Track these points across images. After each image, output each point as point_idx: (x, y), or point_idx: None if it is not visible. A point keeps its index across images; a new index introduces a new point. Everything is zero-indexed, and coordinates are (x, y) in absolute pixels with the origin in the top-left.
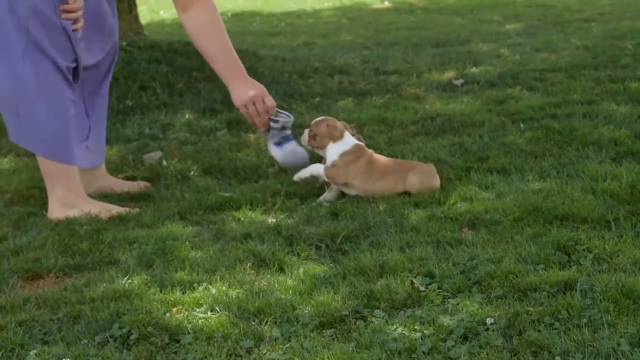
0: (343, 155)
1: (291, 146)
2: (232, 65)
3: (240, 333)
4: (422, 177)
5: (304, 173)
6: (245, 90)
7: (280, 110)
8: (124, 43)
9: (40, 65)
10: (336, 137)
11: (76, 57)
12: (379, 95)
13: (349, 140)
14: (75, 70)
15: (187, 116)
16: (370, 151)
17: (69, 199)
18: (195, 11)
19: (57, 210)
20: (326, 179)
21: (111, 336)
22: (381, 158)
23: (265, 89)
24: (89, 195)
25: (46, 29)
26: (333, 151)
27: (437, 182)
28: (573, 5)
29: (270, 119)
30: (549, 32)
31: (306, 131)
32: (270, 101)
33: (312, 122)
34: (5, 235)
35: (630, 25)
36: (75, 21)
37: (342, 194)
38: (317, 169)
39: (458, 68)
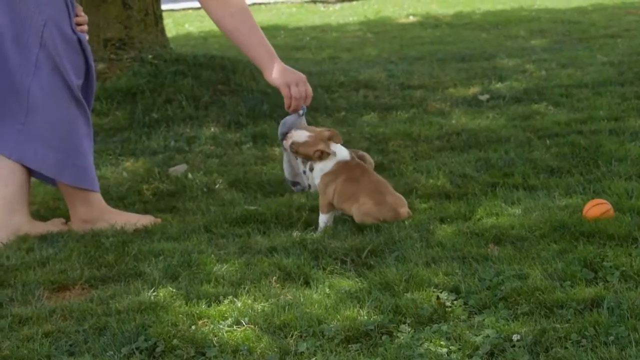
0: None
1: None
2: (268, 49)
3: (265, 347)
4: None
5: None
6: (289, 71)
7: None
8: (149, 56)
9: (49, 82)
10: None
11: (87, 70)
12: (404, 109)
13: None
14: (87, 86)
15: (212, 129)
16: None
17: (92, 213)
18: None
19: (79, 227)
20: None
21: (137, 348)
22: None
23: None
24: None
25: (62, 44)
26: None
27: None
28: (599, 21)
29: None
30: (574, 48)
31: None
32: (310, 90)
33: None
34: (32, 247)
35: None
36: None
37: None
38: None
39: (483, 83)
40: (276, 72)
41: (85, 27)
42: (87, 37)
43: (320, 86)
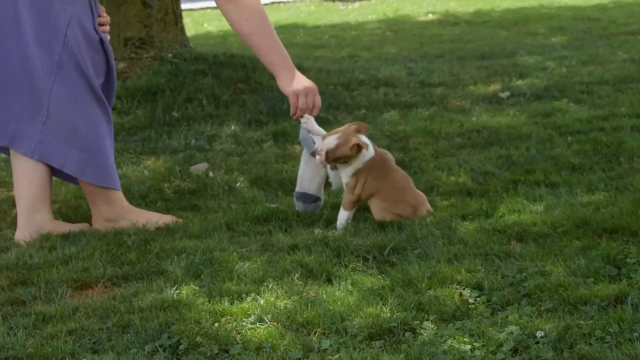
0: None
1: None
2: (283, 55)
3: (289, 344)
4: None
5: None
6: (301, 81)
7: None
8: (169, 55)
9: (71, 81)
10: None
11: (108, 70)
12: (425, 107)
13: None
14: (108, 85)
15: (232, 128)
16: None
17: (114, 212)
18: (239, 1)
19: (101, 225)
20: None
21: (160, 346)
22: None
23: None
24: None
25: (84, 43)
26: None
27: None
28: (619, 18)
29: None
30: (594, 45)
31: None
32: (319, 101)
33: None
34: (54, 245)
35: None
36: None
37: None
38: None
39: (504, 80)
40: (287, 80)
41: (108, 28)
42: (108, 37)
43: (340, 84)
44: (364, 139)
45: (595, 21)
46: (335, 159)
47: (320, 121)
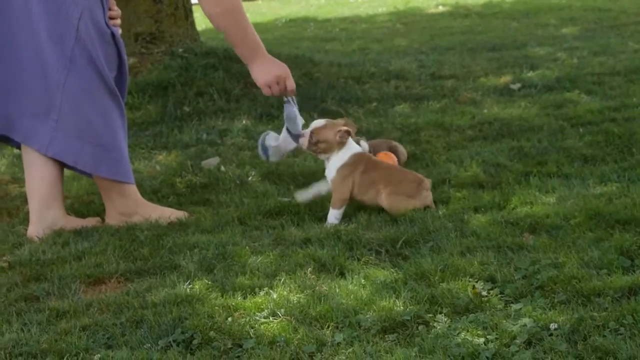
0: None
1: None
2: (253, 46)
3: (302, 338)
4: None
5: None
6: (270, 70)
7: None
8: (180, 50)
9: (85, 75)
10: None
11: (120, 64)
12: (436, 100)
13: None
14: (120, 79)
15: (244, 122)
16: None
17: (128, 206)
18: None
19: (115, 219)
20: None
21: (174, 341)
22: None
23: (288, 69)
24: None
25: (96, 36)
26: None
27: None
28: (629, 8)
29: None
30: (606, 35)
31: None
32: (291, 85)
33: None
34: (67, 241)
35: None
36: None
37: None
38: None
39: (515, 72)
40: (258, 72)
41: (119, 21)
42: (120, 31)
43: (350, 77)
44: (354, 144)
45: (606, 12)
46: (317, 141)
47: (333, 114)
